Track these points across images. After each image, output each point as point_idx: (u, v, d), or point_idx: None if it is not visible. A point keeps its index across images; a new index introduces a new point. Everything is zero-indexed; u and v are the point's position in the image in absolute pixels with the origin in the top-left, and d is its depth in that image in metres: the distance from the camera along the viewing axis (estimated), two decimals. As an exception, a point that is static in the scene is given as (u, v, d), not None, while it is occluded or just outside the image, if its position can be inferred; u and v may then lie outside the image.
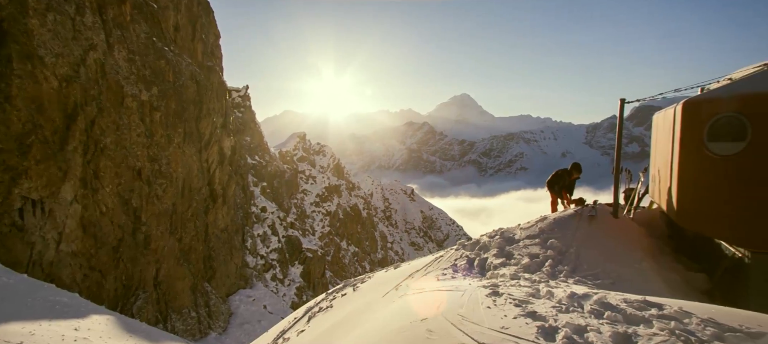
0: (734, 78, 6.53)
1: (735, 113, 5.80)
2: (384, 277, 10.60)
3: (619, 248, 8.46)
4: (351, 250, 53.21)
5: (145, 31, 16.14)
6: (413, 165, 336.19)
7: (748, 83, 5.87)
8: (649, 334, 3.91)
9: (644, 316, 4.41)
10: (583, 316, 4.53)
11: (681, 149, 6.66)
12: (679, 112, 6.65)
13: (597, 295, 5.13)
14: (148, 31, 16.31)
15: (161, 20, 17.58)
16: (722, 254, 7.27)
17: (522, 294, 5.57)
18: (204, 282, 20.29)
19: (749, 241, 6.11)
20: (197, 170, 19.39)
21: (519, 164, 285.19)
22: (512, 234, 10.04)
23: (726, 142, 6.05)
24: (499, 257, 8.98)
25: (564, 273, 7.81)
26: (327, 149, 60.70)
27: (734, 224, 6.14)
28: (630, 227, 9.32)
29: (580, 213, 9.75)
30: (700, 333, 3.86)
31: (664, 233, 9.64)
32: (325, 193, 52.63)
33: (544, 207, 11.91)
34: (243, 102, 41.22)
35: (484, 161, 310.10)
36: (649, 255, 8.34)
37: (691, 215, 6.83)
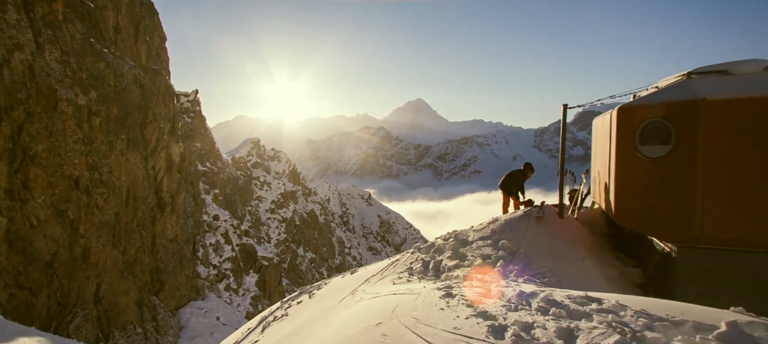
0: (660, 86, 7.11)
1: (661, 118, 6.31)
2: (340, 283, 10.54)
3: (564, 247, 8.91)
4: (308, 256, 52.39)
5: (81, 31, 15.13)
6: (370, 170, 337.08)
7: (671, 91, 6.41)
8: (590, 328, 4.15)
9: (586, 311, 4.67)
10: (531, 314, 4.73)
11: (616, 152, 7.14)
12: (614, 117, 7.13)
13: (543, 293, 5.37)
14: (84, 31, 15.30)
15: (99, 20, 16.54)
16: (654, 250, 7.83)
17: (474, 294, 5.73)
18: (151, 296, 19.23)
19: (675, 236, 6.63)
20: (143, 178, 18.39)
21: (473, 168, 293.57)
22: (466, 236, 10.31)
23: (654, 145, 6.55)
24: (453, 259, 9.20)
25: (514, 273, 8.12)
26: (282, 155, 59.54)
27: (662, 221, 6.64)
28: (574, 227, 9.83)
29: (529, 214, 10.18)
30: (634, 324, 4.14)
31: (604, 232, 10.27)
32: (281, 199, 51.56)
33: (498, 209, 12.34)
34: (192, 107, 39.62)
35: (440, 165, 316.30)
36: (591, 253, 8.85)
37: (625, 213, 7.33)
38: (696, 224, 6.18)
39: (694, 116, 5.92)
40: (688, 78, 6.57)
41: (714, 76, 6.33)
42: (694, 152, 6.00)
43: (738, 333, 3.53)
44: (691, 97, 5.97)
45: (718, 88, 5.93)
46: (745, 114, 5.65)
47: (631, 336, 3.85)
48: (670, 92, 6.43)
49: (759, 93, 5.61)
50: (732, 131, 5.72)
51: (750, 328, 3.64)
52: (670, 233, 6.85)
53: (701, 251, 6.46)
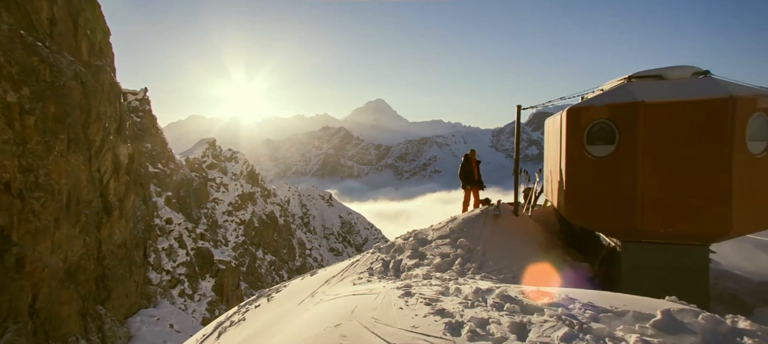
0: (605, 89, 7.50)
1: (606, 119, 6.66)
2: (300, 285, 10.36)
3: (519, 244, 9.21)
4: (268, 259, 51.23)
5: (9, 23, 13.96)
6: (331, 170, 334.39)
7: (615, 94, 6.79)
8: (541, 321, 4.30)
9: (538, 305, 4.83)
10: (487, 310, 4.84)
11: (566, 152, 7.46)
12: (564, 118, 7.45)
13: (499, 289, 5.51)
14: (12, 23, 14.13)
15: (31, 12, 15.32)
16: (601, 245, 8.26)
17: (432, 292, 5.80)
18: (97, 305, 18.08)
19: (619, 232, 7.02)
20: (86, 181, 17.25)
21: (433, 167, 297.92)
22: (425, 235, 10.43)
23: (600, 145, 6.91)
24: (412, 258, 9.28)
25: (472, 270, 8.31)
26: (239, 156, 57.84)
27: (608, 218, 7.01)
28: (528, 224, 10.19)
29: (486, 213, 10.45)
30: (581, 316, 4.33)
31: (556, 228, 10.71)
32: (239, 201, 50.09)
33: (459, 208, 12.64)
34: (141, 106, 37.67)
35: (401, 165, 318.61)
36: (544, 249, 9.20)
37: (575, 210, 7.67)
38: (637, 220, 6.56)
39: (635, 117, 6.29)
40: (629, 81, 6.97)
41: (651, 80, 6.76)
42: (635, 151, 6.38)
43: (671, 321, 3.77)
44: (631, 99, 6.34)
45: (654, 91, 6.34)
46: (677, 116, 6.07)
47: (578, 328, 4.02)
48: (613, 95, 6.80)
49: (689, 97, 6.05)
50: (667, 132, 6.13)
51: (680, 315, 3.91)
52: (615, 229, 7.24)
53: (642, 245, 6.87)
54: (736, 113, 5.74)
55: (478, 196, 12.02)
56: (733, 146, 5.80)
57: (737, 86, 6.15)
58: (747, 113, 5.80)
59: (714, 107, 5.87)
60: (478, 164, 12.23)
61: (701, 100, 5.96)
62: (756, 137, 5.92)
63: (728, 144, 5.82)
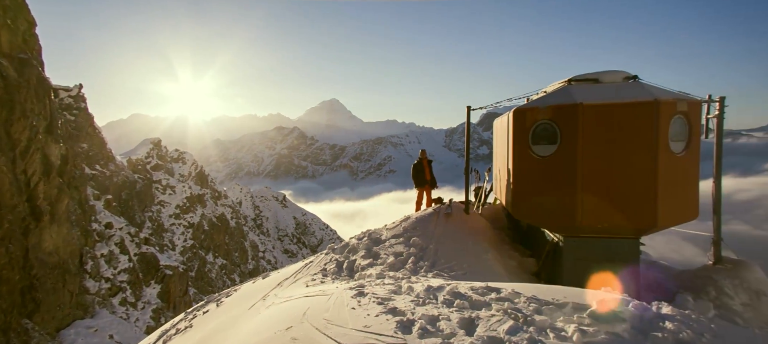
0: (548, 91, 7.90)
1: (549, 120, 7.01)
2: (251, 289, 10.08)
3: (469, 242, 9.47)
4: (218, 263, 49.38)
5: None
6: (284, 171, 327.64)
7: (556, 96, 7.16)
8: (489, 316, 4.45)
9: (486, 300, 5.00)
10: (437, 307, 4.94)
11: (513, 151, 7.77)
12: (510, 119, 7.75)
13: (449, 286, 5.65)
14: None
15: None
16: (546, 240, 8.67)
17: (385, 292, 5.83)
18: (22, 319, 16.60)
19: (562, 227, 7.40)
20: (10, 184, 15.79)
21: (388, 167, 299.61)
22: (379, 235, 10.48)
23: (544, 144, 7.26)
24: (366, 258, 9.29)
25: (424, 268, 8.45)
26: (187, 156, 55.30)
27: (551, 214, 7.38)
28: (479, 222, 10.51)
29: (438, 212, 10.66)
30: (526, 309, 4.53)
31: (505, 225, 11.12)
32: (187, 204, 47.90)
33: (414, 207, 12.81)
34: (76, 103, 35.06)
35: (356, 165, 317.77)
36: (493, 246, 9.53)
37: (521, 208, 8.00)
38: (577, 216, 6.95)
39: (574, 118, 6.67)
40: (569, 84, 7.38)
41: (588, 83, 7.20)
42: (575, 150, 6.76)
43: (605, 310, 4.03)
44: (571, 101, 6.71)
45: (591, 94, 6.76)
46: (610, 118, 6.51)
47: (522, 321, 4.20)
48: (555, 97, 7.17)
49: (620, 100, 6.50)
50: (601, 132, 6.56)
51: (613, 304, 4.18)
52: (557, 225, 7.63)
53: (582, 239, 7.29)
54: (659, 115, 6.25)
55: (431, 195, 12.25)
56: (657, 146, 6.30)
57: (660, 90, 6.69)
58: (669, 115, 6.33)
59: (641, 109, 6.35)
60: (430, 163, 12.48)
61: (630, 102, 6.43)
62: (676, 138, 6.48)
63: (654, 144, 6.32)
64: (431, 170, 12.42)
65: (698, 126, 6.68)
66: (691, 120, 6.59)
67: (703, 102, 7.03)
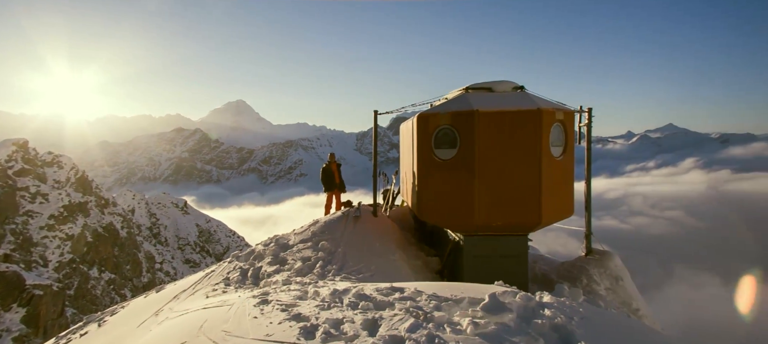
0: (449, 97, 8.40)
1: (449, 125, 7.45)
2: (142, 304, 9.17)
3: (377, 244, 9.65)
4: (105, 278, 43.98)
5: None
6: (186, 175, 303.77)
7: (456, 102, 7.65)
8: (391, 315, 4.56)
9: (390, 300, 5.12)
10: (342, 310, 4.94)
11: (417, 155, 8.10)
12: (414, 124, 8.08)
13: (355, 288, 5.69)
14: None
15: None
16: (448, 240, 9.16)
17: (290, 298, 5.69)
18: None
19: (462, 227, 7.89)
20: None
21: (299, 171, 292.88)
22: (287, 240, 10.21)
23: (445, 148, 7.68)
24: (273, 264, 8.99)
25: (332, 272, 8.41)
26: (65, 160, 48.41)
27: (452, 215, 7.84)
28: (386, 224, 10.76)
29: (347, 215, 10.71)
30: (426, 307, 4.73)
31: (412, 227, 11.53)
32: (64, 213, 41.91)
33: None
34: None
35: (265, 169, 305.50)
36: (400, 247, 9.82)
37: (425, 209, 8.37)
38: (475, 216, 7.47)
39: (471, 124, 7.18)
40: (466, 92, 7.93)
41: (483, 91, 7.81)
42: (473, 154, 7.26)
43: (495, 303, 4.38)
44: (468, 108, 7.21)
45: (486, 101, 7.34)
46: (502, 124, 7.14)
47: (423, 318, 4.38)
48: (454, 103, 7.65)
49: (510, 108, 7.16)
50: (494, 137, 7.15)
51: (503, 297, 4.57)
52: (458, 225, 8.11)
53: (479, 237, 7.85)
54: (542, 122, 7.00)
55: (340, 199, 12.28)
56: (541, 151, 7.05)
57: (542, 100, 7.50)
58: (550, 123, 7.13)
59: (527, 117, 7.06)
60: (339, 167, 12.54)
61: (518, 110, 7.11)
62: (556, 143, 7.31)
63: (538, 149, 7.06)
64: (340, 173, 12.48)
65: (573, 133, 7.61)
66: (567, 128, 7.49)
67: (576, 112, 8.03)
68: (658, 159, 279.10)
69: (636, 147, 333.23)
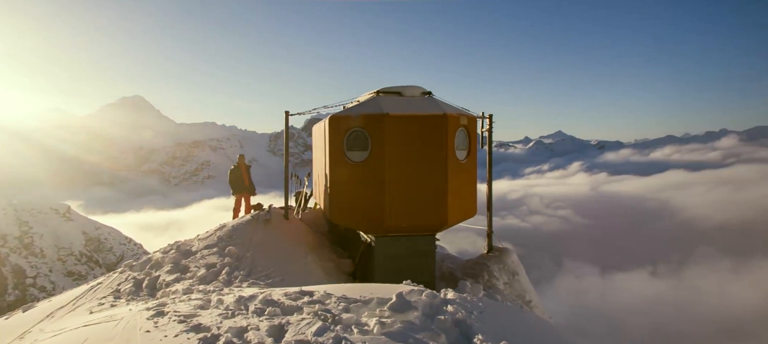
0: (361, 100, 8.50)
1: (361, 128, 7.53)
2: (2, 327, 7.86)
3: (289, 247, 9.42)
4: (-44, 301, 36.98)
5: None
6: (70, 177, 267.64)
7: (367, 105, 7.78)
8: (299, 320, 4.47)
9: (298, 304, 5.02)
10: (247, 317, 4.72)
11: (329, 157, 8.06)
12: (326, 126, 8.04)
13: (262, 294, 5.47)
14: None
15: None
16: (360, 242, 9.24)
17: (190, 308, 5.30)
18: None
19: (373, 228, 8.02)
20: None
21: (207, 172, 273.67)
22: (190, 246, 9.53)
23: (357, 151, 7.75)
24: (173, 272, 8.33)
25: (240, 278, 8.02)
26: None
27: (364, 216, 7.93)
28: (299, 227, 10.54)
29: (257, 218, 10.29)
30: (335, 309, 4.72)
31: (325, 229, 11.43)
32: None
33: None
34: None
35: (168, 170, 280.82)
36: (312, 250, 9.68)
37: (337, 211, 8.36)
38: (386, 217, 7.63)
39: (382, 127, 7.34)
40: (377, 95, 8.09)
41: (393, 95, 8.04)
42: (383, 157, 7.43)
43: (402, 301, 4.51)
44: (379, 111, 7.37)
45: (396, 105, 7.56)
46: (410, 128, 7.41)
47: (331, 321, 4.36)
48: (366, 106, 7.76)
49: (418, 112, 7.47)
50: (403, 140, 7.40)
51: (410, 296, 4.73)
52: (370, 226, 8.22)
53: (390, 238, 8.03)
54: (448, 127, 7.41)
55: (250, 202, 11.82)
56: (447, 154, 7.45)
57: (448, 106, 7.94)
58: (455, 127, 7.56)
59: (434, 121, 7.41)
60: (248, 168, 12.11)
61: (426, 115, 7.43)
62: (460, 147, 7.78)
63: (444, 152, 7.44)
64: (250, 175, 12.05)
65: (476, 138, 8.15)
66: (471, 132, 8.00)
67: (478, 118, 8.62)
68: (551, 163, 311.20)
69: (532, 152, 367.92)
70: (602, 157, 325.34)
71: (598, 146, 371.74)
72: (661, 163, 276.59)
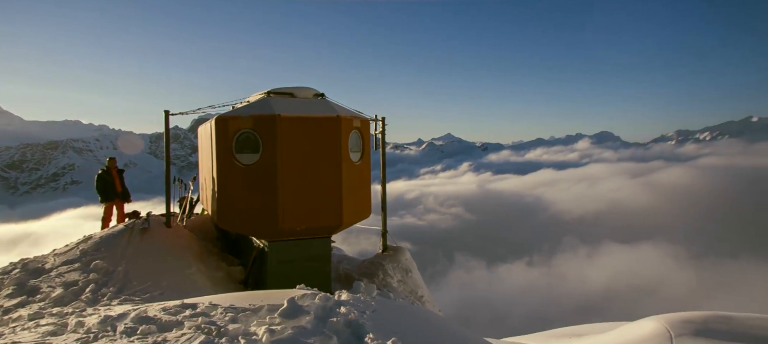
0: (251, 101, 8.12)
1: (251, 129, 7.19)
2: None
3: (171, 257, 8.58)
4: None
5: None
6: None
7: (257, 106, 7.45)
8: (178, 335, 4.08)
9: (178, 319, 4.58)
10: (113, 340, 4.18)
11: (217, 160, 7.55)
12: (213, 127, 7.52)
13: (136, 311, 4.89)
14: None
15: None
16: (253, 247, 8.81)
17: (37, 336, 4.51)
18: None
19: (266, 233, 7.70)
20: None
21: (69, 177, 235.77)
22: (42, 264, 8.16)
23: (248, 153, 7.38)
24: (16, 296, 7.03)
25: (108, 296, 7.09)
26: None
27: (256, 221, 7.57)
28: (183, 235, 9.67)
29: (132, 227, 9.21)
30: (221, 321, 4.41)
31: (214, 236, 10.67)
32: None
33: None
34: None
35: (15, 176, 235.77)
36: (198, 259, 8.95)
37: (227, 216, 7.87)
38: (279, 221, 7.38)
39: (273, 128, 7.10)
40: (268, 96, 7.81)
41: (285, 96, 7.83)
42: (275, 159, 7.18)
43: (293, 307, 4.39)
44: (270, 112, 7.11)
45: (288, 106, 7.37)
46: (304, 130, 7.29)
47: (216, 333, 4.06)
48: (256, 107, 7.44)
49: (312, 114, 7.39)
50: (296, 142, 7.25)
51: (302, 300, 4.63)
52: (262, 231, 7.87)
53: (284, 242, 7.79)
54: (341, 129, 7.44)
55: (123, 210, 10.54)
56: (341, 156, 7.47)
57: (341, 108, 7.98)
58: (348, 129, 7.63)
59: (328, 123, 7.39)
60: (120, 173, 10.80)
61: (320, 117, 7.38)
62: (354, 149, 7.87)
63: (338, 154, 7.46)
64: (123, 180, 10.75)
65: (369, 139, 8.31)
66: (364, 134, 8.14)
67: (372, 120, 8.81)
68: (443, 164, 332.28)
69: (426, 153, 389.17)
70: (487, 157, 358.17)
71: (482, 148, 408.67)
72: (534, 163, 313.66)
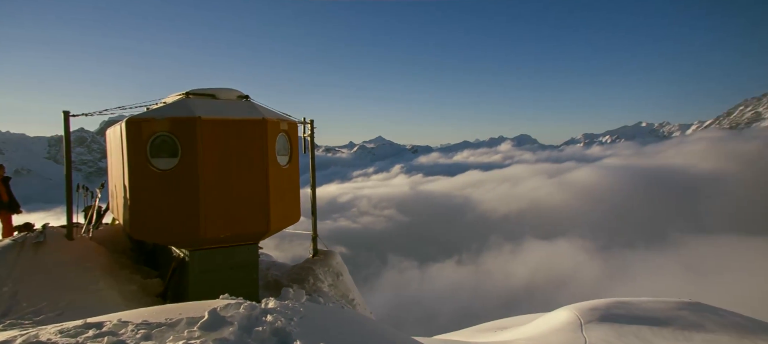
0: (167, 102, 7.57)
1: (168, 132, 6.70)
2: None
3: (73, 273, 7.73)
4: None
5: None
6: None
7: (175, 108, 6.96)
8: (79, 361, 3.67)
9: (79, 341, 4.12)
10: (-4, 372, 3.65)
11: (129, 165, 6.93)
12: (123, 130, 6.90)
13: (23, 337, 4.31)
14: None
15: None
16: (172, 257, 8.21)
17: None
18: None
19: (187, 241, 7.21)
20: None
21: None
22: None
23: (164, 157, 6.86)
24: None
25: (-7, 321, 6.20)
26: None
27: (175, 229, 7.06)
28: (87, 248, 8.76)
29: (23, 242, 8.14)
30: (132, 339, 4.03)
31: (127, 247, 9.77)
32: None
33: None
34: None
35: None
36: (107, 273, 8.15)
37: (141, 226, 7.25)
38: (201, 228, 6.94)
39: (193, 131, 6.67)
40: (187, 97, 7.33)
41: (206, 98, 7.41)
42: (196, 163, 6.75)
43: (215, 318, 4.15)
44: (190, 114, 6.68)
45: (209, 108, 6.97)
46: (227, 133, 6.95)
47: (124, 354, 3.71)
48: (173, 109, 6.94)
49: (235, 116, 7.07)
50: (219, 146, 6.89)
51: (225, 311, 4.38)
52: (182, 240, 7.36)
53: (207, 251, 7.34)
54: (268, 132, 7.20)
55: (11, 222, 9.30)
56: (268, 160, 7.22)
57: (267, 110, 7.73)
58: (275, 132, 7.39)
59: (253, 126, 7.11)
60: (7, 181, 9.56)
61: (244, 120, 7.07)
62: (281, 152, 7.64)
63: (264, 158, 7.20)
64: (9, 189, 9.52)
65: (297, 143, 8.12)
66: (292, 138, 7.93)
67: (299, 123, 8.63)
68: (375, 166, 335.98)
69: (358, 156, 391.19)
70: (417, 160, 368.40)
71: (412, 151, 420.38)
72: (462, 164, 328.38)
